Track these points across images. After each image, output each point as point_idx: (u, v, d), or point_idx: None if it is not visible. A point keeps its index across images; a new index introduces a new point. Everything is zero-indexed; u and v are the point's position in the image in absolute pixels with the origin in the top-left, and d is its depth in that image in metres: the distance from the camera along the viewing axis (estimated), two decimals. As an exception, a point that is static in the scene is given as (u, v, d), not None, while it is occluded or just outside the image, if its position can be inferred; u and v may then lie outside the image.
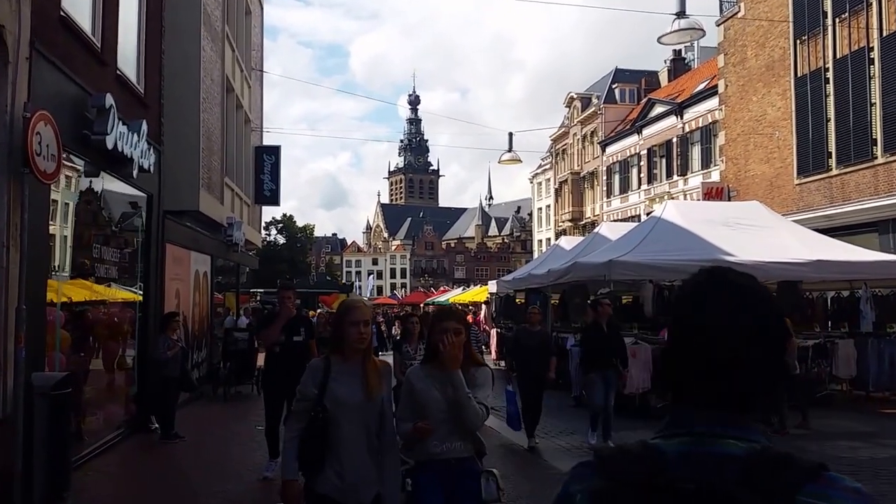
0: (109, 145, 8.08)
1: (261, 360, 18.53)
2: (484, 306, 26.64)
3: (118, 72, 9.41)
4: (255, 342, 16.33)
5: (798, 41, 23.03)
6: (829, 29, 21.62)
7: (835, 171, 21.62)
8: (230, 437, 10.92)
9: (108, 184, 9.32)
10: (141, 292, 11.06)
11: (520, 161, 24.05)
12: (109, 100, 8.03)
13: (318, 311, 23.49)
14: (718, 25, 27.23)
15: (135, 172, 9.08)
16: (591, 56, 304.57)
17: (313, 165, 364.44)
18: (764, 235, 15.59)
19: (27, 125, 6.64)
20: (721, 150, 27.61)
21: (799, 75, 22.93)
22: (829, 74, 21.61)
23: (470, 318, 28.67)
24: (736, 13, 26.11)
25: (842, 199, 21.22)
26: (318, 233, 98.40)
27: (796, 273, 14.38)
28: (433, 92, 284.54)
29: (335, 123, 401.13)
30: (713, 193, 26.39)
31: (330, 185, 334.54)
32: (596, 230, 20.01)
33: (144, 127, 9.37)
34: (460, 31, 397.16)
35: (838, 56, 21.33)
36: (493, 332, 24.04)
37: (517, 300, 21.58)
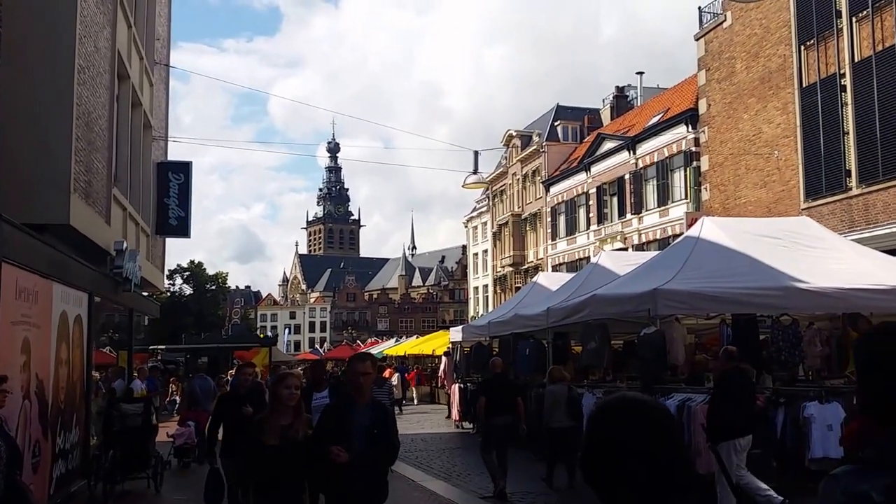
0: None
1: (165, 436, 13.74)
2: (444, 358, 22.30)
3: None
4: (151, 414, 11.58)
5: (802, 47, 20.15)
6: (845, 30, 18.76)
7: (856, 192, 18.56)
8: None
9: None
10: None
11: (486, 184, 20.34)
12: None
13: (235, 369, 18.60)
14: (698, 40, 24.37)
15: None
16: (518, 105, 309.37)
17: (224, 217, 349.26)
18: (829, 256, 12.30)
19: None
20: (704, 176, 24.48)
21: (805, 85, 20.00)
22: (846, 81, 18.67)
23: (388, 372, 24.19)
24: (721, 23, 23.23)
25: (865, 223, 18.11)
26: (230, 286, 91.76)
27: (883, 303, 10.99)
28: (355, 141, 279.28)
29: (250, 173, 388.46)
30: (699, 225, 23.05)
31: (243, 236, 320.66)
32: (595, 260, 16.25)
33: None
34: (386, 80, 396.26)
35: (857, 59, 18.43)
36: (455, 387, 19.75)
37: (493, 348, 17.43)
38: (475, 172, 19.51)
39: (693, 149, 27.56)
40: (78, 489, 10.64)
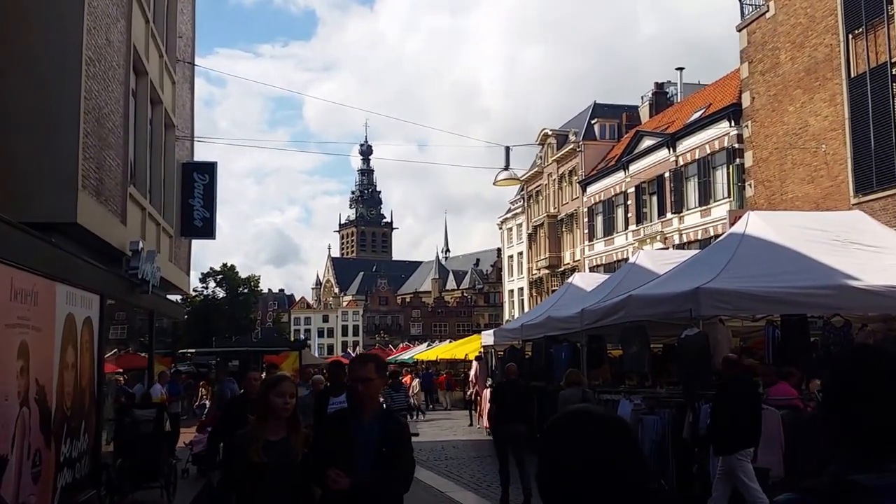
0: None
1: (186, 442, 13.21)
2: (475, 363, 21.64)
3: None
4: (163, 418, 11.08)
5: (850, 35, 19.11)
6: (896, 16, 17.72)
7: (908, 187, 17.53)
8: None
9: None
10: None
11: (519, 181, 19.53)
12: None
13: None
14: (740, 31, 23.37)
15: None
16: (556, 104, 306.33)
17: (259, 220, 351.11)
18: (884, 253, 11.50)
19: None
20: (748, 172, 23.45)
21: (854, 76, 18.95)
22: (898, 70, 17.64)
23: (407, 378, 23.81)
24: (764, 13, 22.21)
25: (920, 220, 17.05)
26: (263, 289, 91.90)
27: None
28: (390, 143, 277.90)
29: (284, 176, 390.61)
30: (743, 223, 22.11)
31: (278, 240, 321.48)
32: (633, 260, 15.47)
33: None
34: (422, 81, 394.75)
35: (911, 47, 17.38)
36: (487, 392, 19.02)
37: (525, 352, 16.75)
38: (506, 168, 18.81)
39: (736, 145, 26.59)
40: (87, 499, 10.18)
